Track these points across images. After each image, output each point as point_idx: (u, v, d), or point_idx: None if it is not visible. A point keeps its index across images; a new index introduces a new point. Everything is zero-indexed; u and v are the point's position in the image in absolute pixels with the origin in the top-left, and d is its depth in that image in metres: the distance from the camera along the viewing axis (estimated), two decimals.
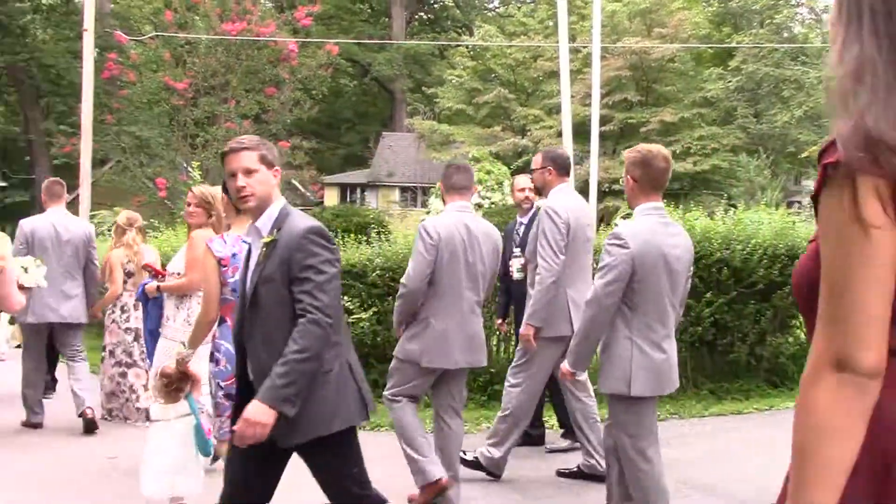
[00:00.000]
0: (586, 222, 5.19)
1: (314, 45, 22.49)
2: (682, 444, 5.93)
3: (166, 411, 4.09)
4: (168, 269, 5.54)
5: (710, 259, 7.06)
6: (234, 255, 4.28)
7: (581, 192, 7.30)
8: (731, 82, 31.50)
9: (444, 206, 4.76)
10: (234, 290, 4.06)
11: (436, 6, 48.74)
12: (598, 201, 16.99)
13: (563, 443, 5.92)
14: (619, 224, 4.60)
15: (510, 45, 31.20)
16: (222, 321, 4.44)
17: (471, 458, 5.24)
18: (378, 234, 9.12)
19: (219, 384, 4.44)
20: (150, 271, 5.95)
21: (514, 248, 5.83)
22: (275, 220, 3.08)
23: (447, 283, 4.48)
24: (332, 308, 2.93)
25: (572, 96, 13.77)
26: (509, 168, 21.25)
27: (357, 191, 37.09)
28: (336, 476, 3.10)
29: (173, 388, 4.08)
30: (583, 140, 17.95)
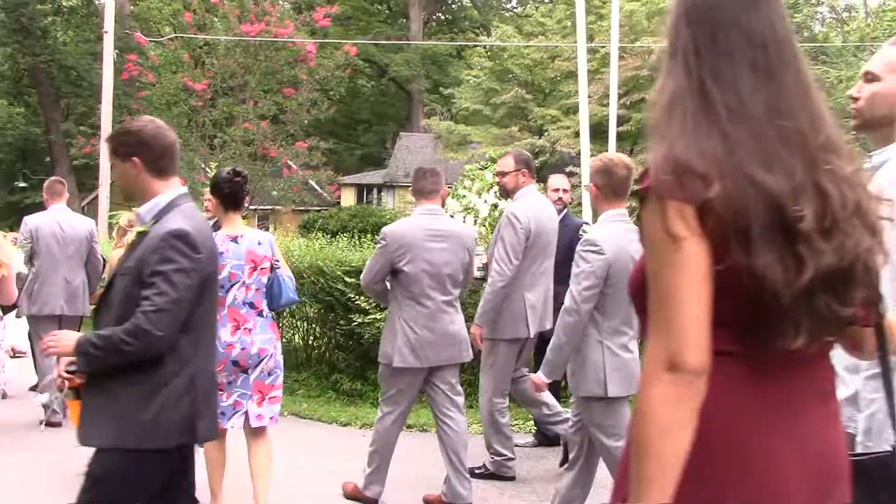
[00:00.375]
0: (551, 226, 5.29)
1: (332, 46, 22.53)
2: None
3: None
4: None
5: None
6: (221, 253, 4.36)
7: None
8: None
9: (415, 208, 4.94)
10: (221, 287, 4.26)
11: (453, 7, 48.80)
12: None
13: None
14: (590, 230, 4.68)
15: (528, 46, 31.16)
16: None
17: (479, 471, 5.33)
18: None
19: None
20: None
21: None
22: (158, 211, 2.88)
23: (411, 285, 4.63)
24: (165, 324, 2.69)
25: (590, 96, 13.71)
26: None
27: (374, 191, 37.17)
28: (83, 489, 2.82)
29: None
30: (600, 140, 17.87)
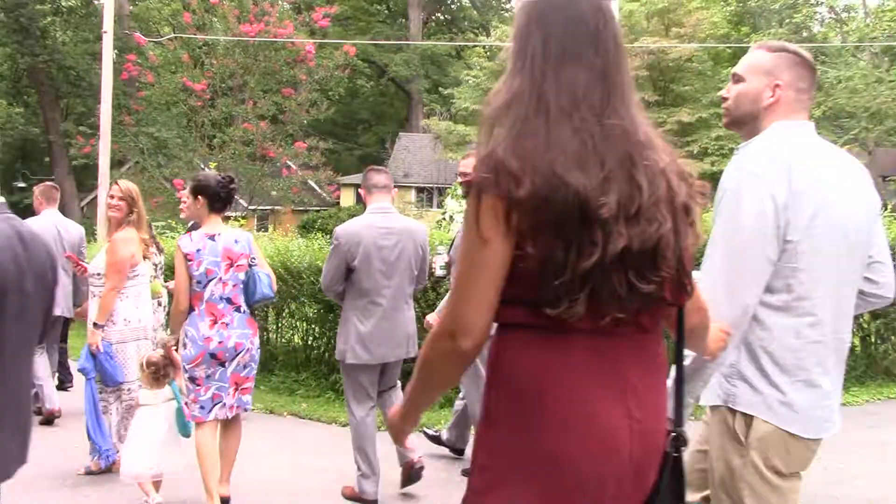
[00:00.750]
0: None
1: (331, 47, 22.54)
2: None
3: (155, 397, 4.62)
4: (90, 268, 5.56)
5: None
6: (198, 250, 4.59)
7: None
8: None
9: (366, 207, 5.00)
10: (198, 282, 4.57)
11: (453, 7, 48.80)
12: None
13: None
14: None
15: None
16: (192, 309, 4.67)
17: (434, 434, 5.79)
18: None
19: (184, 367, 4.66)
20: (73, 263, 6.14)
21: None
22: None
23: (364, 282, 4.68)
24: None
25: None
26: None
27: None
28: None
29: (161, 375, 4.62)
30: None
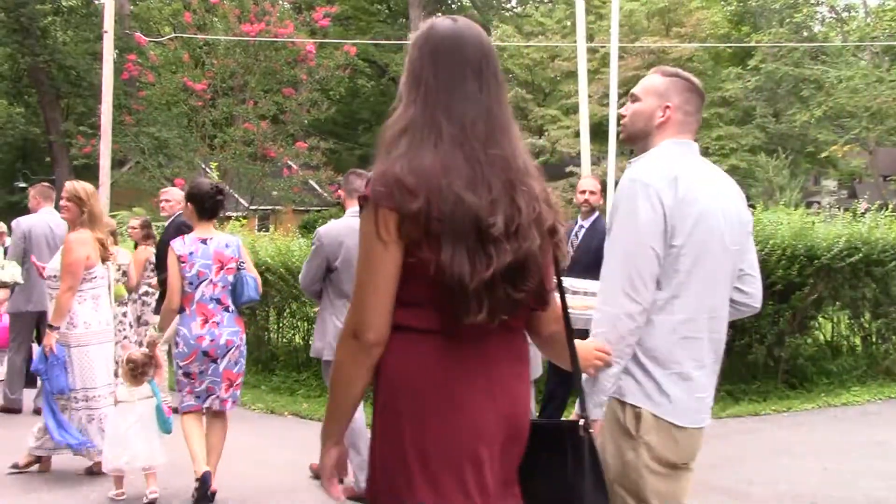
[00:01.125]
0: None
1: (332, 46, 22.49)
2: None
3: (131, 394, 4.73)
4: (47, 270, 5.59)
5: None
6: (191, 252, 4.73)
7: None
8: (749, 82, 31.29)
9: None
10: (190, 283, 4.71)
11: (453, 6, 48.73)
12: None
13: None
14: None
15: (528, 45, 31.19)
16: (182, 310, 4.77)
17: None
18: None
19: (178, 364, 4.76)
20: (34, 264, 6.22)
21: (570, 251, 5.71)
22: None
23: (344, 283, 4.75)
24: None
25: (590, 96, 13.70)
26: None
27: None
28: None
29: (139, 373, 4.74)
30: (600, 140, 17.88)
